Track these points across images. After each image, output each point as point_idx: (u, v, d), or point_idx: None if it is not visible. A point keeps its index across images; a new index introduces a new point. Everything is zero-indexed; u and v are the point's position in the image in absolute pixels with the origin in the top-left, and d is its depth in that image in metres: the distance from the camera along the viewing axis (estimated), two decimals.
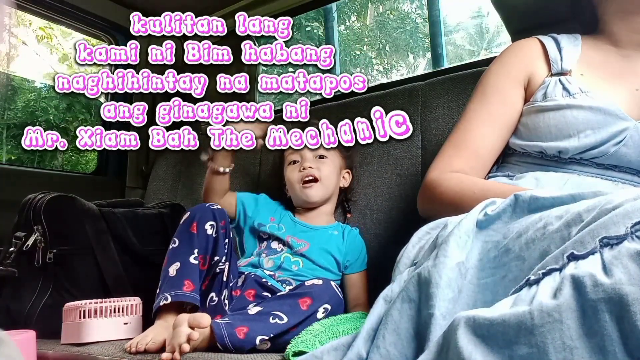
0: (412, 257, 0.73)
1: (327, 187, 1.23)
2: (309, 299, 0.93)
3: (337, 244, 1.20)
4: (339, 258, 1.18)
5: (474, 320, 0.43)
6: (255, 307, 0.92)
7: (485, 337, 0.42)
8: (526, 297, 0.44)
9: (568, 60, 0.87)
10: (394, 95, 1.36)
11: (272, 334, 0.87)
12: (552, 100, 0.83)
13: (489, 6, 1.15)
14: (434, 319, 0.53)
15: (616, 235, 0.43)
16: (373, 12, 9.15)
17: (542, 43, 0.90)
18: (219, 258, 1.04)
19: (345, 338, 0.67)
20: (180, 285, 0.96)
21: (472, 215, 0.61)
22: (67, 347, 0.98)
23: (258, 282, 1.09)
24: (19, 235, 1.17)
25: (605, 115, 0.78)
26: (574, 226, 0.52)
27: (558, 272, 0.44)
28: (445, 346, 0.45)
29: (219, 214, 1.06)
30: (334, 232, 1.23)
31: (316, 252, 1.17)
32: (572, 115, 0.80)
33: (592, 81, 0.83)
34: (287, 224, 1.24)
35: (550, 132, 0.82)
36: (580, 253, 0.44)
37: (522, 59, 0.90)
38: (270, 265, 1.15)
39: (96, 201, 1.32)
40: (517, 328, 0.40)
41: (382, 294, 0.66)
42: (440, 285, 0.54)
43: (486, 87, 0.90)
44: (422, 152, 1.26)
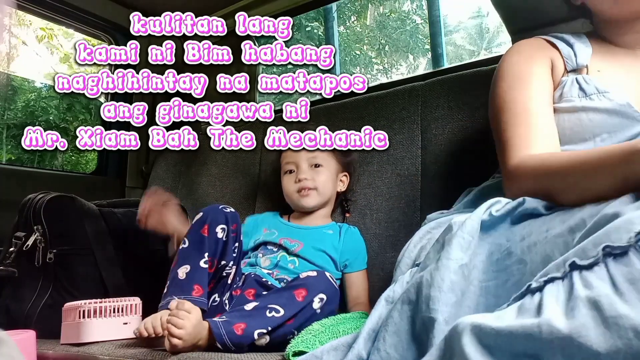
0: (414, 257, 0.72)
1: (323, 195, 1.24)
2: (304, 290, 0.93)
3: (332, 243, 1.20)
4: (335, 256, 1.18)
5: (480, 328, 0.42)
6: (251, 303, 0.92)
7: (491, 348, 0.41)
8: (531, 306, 0.43)
9: (582, 56, 0.84)
10: (394, 95, 1.36)
11: (270, 327, 0.87)
12: (568, 101, 0.80)
13: (489, 6, 1.15)
14: (437, 323, 0.52)
15: (619, 245, 0.42)
16: (373, 12, 9.15)
17: (550, 42, 0.87)
18: (226, 263, 1.05)
19: (345, 338, 0.67)
20: (189, 289, 0.96)
21: (477, 215, 0.60)
22: (67, 347, 0.98)
23: (258, 281, 1.10)
24: (19, 235, 1.17)
25: (622, 118, 0.76)
26: (577, 232, 0.51)
27: (561, 281, 0.43)
28: (448, 352, 0.45)
29: (231, 218, 1.05)
30: (328, 232, 1.23)
31: (310, 251, 1.17)
32: (587, 118, 0.78)
33: (609, 79, 0.81)
34: (280, 228, 1.24)
35: (565, 135, 0.79)
36: (583, 263, 0.43)
37: (538, 50, 0.86)
38: (267, 264, 1.16)
39: (96, 201, 1.32)
40: (524, 341, 0.40)
41: (384, 295, 0.65)
42: (443, 289, 0.54)
43: (520, 73, 0.84)
44: (422, 152, 1.26)
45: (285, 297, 0.92)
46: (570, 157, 0.66)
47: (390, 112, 1.33)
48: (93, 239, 1.22)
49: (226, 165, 1.62)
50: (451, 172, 1.19)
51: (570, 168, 0.64)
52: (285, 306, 0.90)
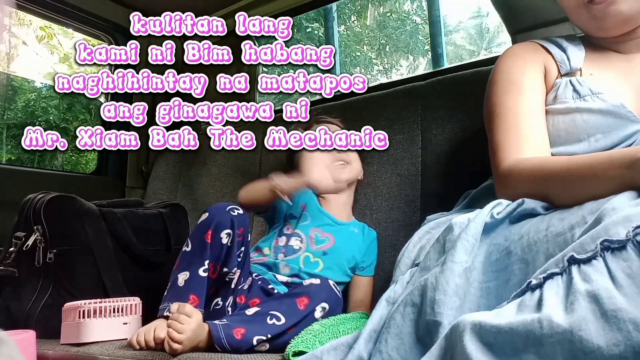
0: (413, 256, 0.72)
1: (353, 170, 1.24)
2: (306, 298, 0.92)
3: (358, 244, 1.19)
4: (359, 258, 1.18)
5: (480, 326, 0.42)
6: (252, 308, 0.92)
7: (492, 345, 0.41)
8: (531, 303, 0.43)
9: (575, 59, 0.85)
10: (394, 95, 1.36)
11: (270, 335, 0.87)
12: (562, 102, 0.81)
13: (489, 6, 1.15)
14: (441, 327, 0.52)
15: (617, 239, 0.42)
16: (373, 12, 9.15)
17: (543, 47, 0.88)
18: (229, 269, 1.01)
19: (345, 338, 0.67)
20: (186, 299, 0.95)
21: (481, 218, 0.60)
22: (67, 347, 0.98)
23: (264, 289, 1.07)
24: (19, 235, 1.17)
25: (616, 118, 0.76)
26: (577, 228, 0.51)
27: (560, 276, 0.43)
28: (449, 351, 0.45)
29: (238, 221, 1.01)
30: (354, 230, 1.22)
31: (339, 252, 1.15)
32: (582, 119, 0.78)
33: (602, 81, 0.81)
34: (313, 213, 1.21)
35: (560, 136, 0.80)
36: (581, 257, 0.43)
37: (532, 55, 0.87)
38: (286, 272, 1.12)
39: (96, 201, 1.32)
40: (525, 337, 0.40)
41: (385, 296, 0.65)
42: (448, 293, 0.53)
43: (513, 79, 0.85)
44: (422, 152, 1.26)
45: (286, 305, 0.91)
46: (569, 161, 0.66)
47: (390, 112, 1.33)
48: (93, 239, 1.22)
49: (226, 165, 1.62)
50: (451, 172, 1.19)
51: (568, 172, 0.65)
52: (287, 314, 0.89)
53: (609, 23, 0.79)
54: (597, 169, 0.61)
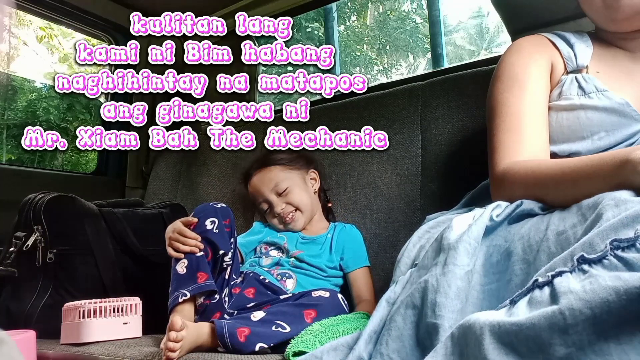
0: (413, 256, 0.72)
1: (306, 208, 1.23)
2: (314, 312, 0.92)
3: (326, 248, 1.20)
4: (335, 257, 1.18)
5: (499, 326, 0.41)
6: (258, 312, 0.92)
7: (513, 345, 0.40)
8: (542, 299, 0.42)
9: (582, 57, 0.84)
10: (394, 95, 1.36)
11: (273, 344, 0.87)
12: (567, 99, 0.80)
13: (489, 6, 1.15)
14: (442, 330, 0.52)
15: (627, 237, 0.42)
16: (373, 12, 9.15)
17: (551, 41, 0.87)
18: (225, 252, 1.02)
19: (345, 338, 0.67)
20: (194, 279, 0.96)
21: (482, 221, 0.60)
22: (67, 347, 0.98)
23: (257, 279, 1.09)
24: (19, 235, 1.17)
25: (620, 116, 0.76)
26: (579, 226, 0.51)
27: (570, 274, 0.43)
28: (463, 353, 0.44)
29: (222, 212, 1.04)
30: (328, 236, 1.22)
31: (308, 257, 1.16)
32: (586, 116, 0.77)
33: (608, 79, 0.81)
34: (290, 236, 1.23)
35: (563, 133, 0.80)
36: (591, 256, 0.42)
37: (539, 49, 0.86)
38: (268, 263, 1.15)
39: (96, 201, 1.32)
40: (549, 330, 0.39)
41: (385, 296, 0.65)
42: (450, 296, 0.53)
43: (516, 75, 0.84)
44: (422, 152, 1.26)
45: (294, 315, 0.91)
46: (563, 165, 0.66)
47: (390, 112, 1.33)
48: (93, 239, 1.22)
49: (226, 165, 1.62)
50: (451, 172, 1.19)
51: (562, 176, 0.65)
52: (293, 324, 0.89)
53: (623, 14, 0.78)
54: (589, 171, 0.61)
